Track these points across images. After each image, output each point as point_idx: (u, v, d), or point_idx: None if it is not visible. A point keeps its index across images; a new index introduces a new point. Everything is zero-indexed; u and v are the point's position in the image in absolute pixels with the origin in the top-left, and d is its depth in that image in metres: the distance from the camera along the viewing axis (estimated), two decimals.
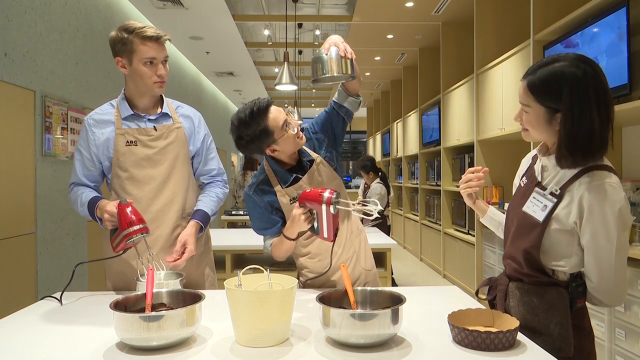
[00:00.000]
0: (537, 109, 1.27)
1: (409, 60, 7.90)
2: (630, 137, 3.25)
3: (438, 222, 6.32)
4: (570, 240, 1.28)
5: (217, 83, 10.39)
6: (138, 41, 1.71)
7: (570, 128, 1.21)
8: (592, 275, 1.28)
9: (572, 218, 1.26)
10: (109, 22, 4.89)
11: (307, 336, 1.30)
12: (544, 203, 1.29)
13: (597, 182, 1.22)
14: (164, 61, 1.78)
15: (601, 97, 1.21)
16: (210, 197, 1.93)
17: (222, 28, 6.53)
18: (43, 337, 1.31)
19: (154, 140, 1.81)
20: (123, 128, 1.80)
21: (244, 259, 3.62)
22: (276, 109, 1.69)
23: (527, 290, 1.33)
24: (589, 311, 1.38)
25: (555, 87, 1.22)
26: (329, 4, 6.44)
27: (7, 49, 3.21)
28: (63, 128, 3.88)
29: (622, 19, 2.64)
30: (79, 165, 1.82)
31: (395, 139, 9.24)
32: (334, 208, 1.50)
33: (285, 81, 5.25)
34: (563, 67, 1.22)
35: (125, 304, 1.31)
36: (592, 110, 1.20)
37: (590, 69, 1.22)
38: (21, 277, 3.32)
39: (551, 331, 1.27)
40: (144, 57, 1.72)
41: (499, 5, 4.66)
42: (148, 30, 1.71)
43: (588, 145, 1.21)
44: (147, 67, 1.74)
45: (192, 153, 1.92)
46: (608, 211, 1.21)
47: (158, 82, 1.77)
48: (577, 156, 1.23)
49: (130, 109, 1.82)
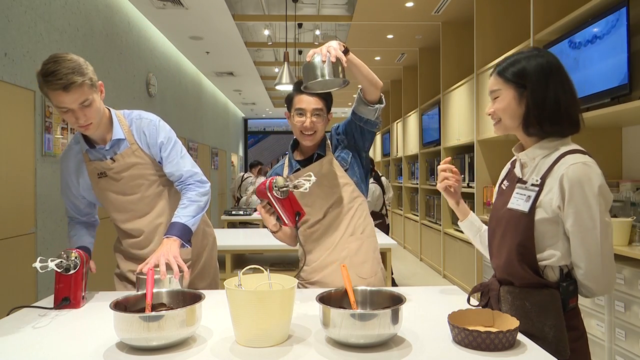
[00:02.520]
0: (506, 90, 1.35)
1: (409, 60, 7.90)
2: (630, 137, 3.25)
3: (438, 222, 6.32)
4: (555, 229, 1.29)
5: (217, 83, 10.39)
6: (48, 90, 1.55)
7: (537, 96, 1.30)
8: (579, 260, 1.28)
9: (555, 202, 1.27)
10: (109, 22, 4.89)
11: (307, 336, 1.30)
12: (527, 194, 1.32)
13: (573, 162, 1.26)
14: (82, 106, 1.59)
15: (563, 77, 1.31)
16: (183, 204, 1.77)
17: (222, 28, 6.53)
18: (43, 337, 1.31)
19: (117, 172, 1.77)
20: (90, 162, 1.78)
21: (244, 259, 3.62)
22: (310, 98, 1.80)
23: (519, 294, 1.33)
24: (589, 312, 1.37)
25: (520, 67, 1.33)
26: (329, 4, 6.44)
27: (7, 49, 3.21)
28: (63, 128, 3.88)
29: (622, 19, 2.64)
30: (67, 202, 1.85)
31: (395, 139, 9.24)
32: (279, 192, 1.54)
33: (285, 81, 5.25)
34: (527, 54, 1.35)
35: (125, 304, 1.31)
36: (556, 84, 1.30)
37: (549, 54, 1.35)
38: (21, 277, 3.32)
39: (546, 334, 1.26)
40: (57, 106, 1.58)
41: (499, 5, 4.66)
42: (53, 79, 1.51)
43: (555, 114, 1.30)
44: (65, 114, 1.60)
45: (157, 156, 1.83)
46: (588, 190, 1.24)
47: (82, 126, 1.63)
48: (545, 124, 1.31)
49: (86, 144, 1.76)
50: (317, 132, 1.82)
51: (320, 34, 7.43)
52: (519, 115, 1.34)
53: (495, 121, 1.40)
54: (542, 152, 1.34)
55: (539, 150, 1.35)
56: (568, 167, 1.26)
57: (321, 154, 1.86)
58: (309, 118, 1.79)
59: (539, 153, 1.35)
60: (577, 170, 1.25)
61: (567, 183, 1.25)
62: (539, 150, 1.35)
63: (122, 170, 1.76)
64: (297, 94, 1.82)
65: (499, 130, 1.42)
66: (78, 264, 1.58)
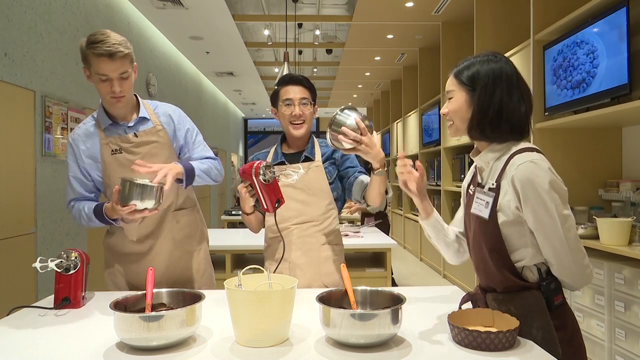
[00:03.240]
0: (459, 92, 1.37)
1: (409, 60, 7.90)
2: (630, 137, 3.26)
3: None
4: (520, 230, 1.29)
5: (217, 83, 10.39)
6: (92, 56, 1.65)
7: (481, 102, 1.32)
8: (549, 257, 1.28)
9: (513, 203, 1.28)
10: (109, 22, 4.89)
11: (307, 336, 1.30)
12: (485, 200, 1.33)
13: (520, 162, 1.26)
14: (120, 77, 1.70)
15: (514, 84, 1.32)
16: (201, 161, 1.90)
17: (222, 28, 6.53)
18: (43, 337, 1.31)
19: (137, 147, 1.81)
20: (106, 137, 1.80)
21: (244, 259, 3.62)
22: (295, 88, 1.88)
23: (502, 300, 1.33)
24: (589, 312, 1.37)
25: (474, 70, 1.35)
26: (329, 4, 6.44)
27: (7, 49, 3.21)
28: (63, 128, 3.88)
29: (622, 19, 2.64)
30: (75, 182, 1.83)
31: (395, 139, 9.24)
32: (265, 177, 1.59)
33: None
34: (483, 58, 1.37)
35: (125, 304, 1.32)
36: (503, 90, 1.31)
37: (504, 60, 1.36)
38: (21, 277, 3.32)
39: (534, 337, 1.26)
40: (97, 72, 1.68)
41: (499, 5, 4.66)
42: (102, 46, 1.63)
43: (496, 120, 1.31)
44: (102, 83, 1.70)
45: (178, 150, 1.93)
46: (539, 188, 1.24)
47: (114, 97, 1.72)
48: (486, 129, 1.32)
49: (108, 119, 1.81)
50: (306, 121, 1.89)
51: (320, 34, 7.43)
52: (467, 119, 1.35)
53: (449, 123, 1.42)
54: (494, 155, 1.35)
55: (490, 153, 1.36)
56: (517, 168, 1.26)
57: (309, 157, 1.90)
58: (297, 106, 1.87)
59: (491, 157, 1.36)
60: (525, 170, 1.25)
61: (519, 184, 1.26)
62: (491, 154, 1.36)
63: (141, 144, 1.82)
64: (282, 86, 1.90)
65: (452, 133, 1.43)
66: (78, 264, 1.58)
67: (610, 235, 2.65)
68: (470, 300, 1.48)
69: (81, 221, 1.81)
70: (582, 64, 2.98)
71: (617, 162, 3.30)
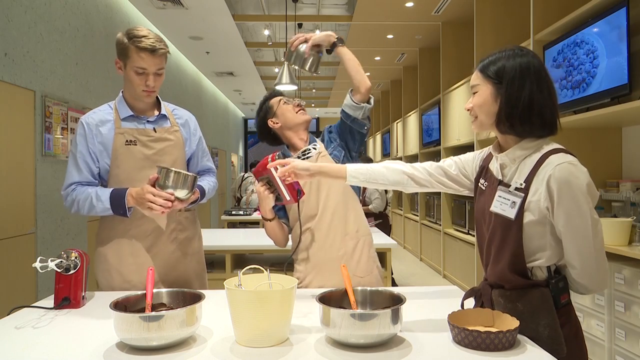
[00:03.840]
0: (484, 86, 1.35)
1: (409, 60, 7.90)
2: (630, 137, 3.26)
3: (438, 222, 6.32)
4: (543, 231, 1.28)
5: (217, 83, 10.39)
6: (134, 50, 1.72)
7: (511, 95, 1.30)
8: (573, 260, 1.27)
9: (543, 203, 1.26)
10: (109, 22, 4.89)
11: (307, 336, 1.30)
12: (511, 200, 1.30)
13: (559, 162, 1.25)
14: (156, 73, 1.78)
15: (542, 78, 1.31)
16: (208, 181, 2.00)
17: (222, 28, 6.53)
18: (43, 337, 1.31)
19: (154, 142, 1.83)
20: (122, 127, 1.81)
21: (244, 259, 3.62)
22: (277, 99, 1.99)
23: (510, 296, 1.33)
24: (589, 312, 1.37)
25: (500, 65, 1.34)
26: (329, 4, 6.44)
27: (7, 49, 3.21)
28: (63, 128, 3.88)
29: (622, 19, 2.64)
30: (82, 164, 1.78)
31: (395, 139, 9.24)
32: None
33: (285, 81, 5.25)
34: (509, 52, 1.37)
35: (125, 304, 1.32)
36: (533, 84, 1.30)
37: (531, 54, 1.35)
38: (21, 277, 3.32)
39: (540, 334, 1.26)
40: (135, 65, 1.74)
41: (498, 5, 4.66)
42: (146, 40, 1.72)
43: (527, 113, 1.29)
44: (138, 76, 1.75)
45: (188, 156, 1.95)
46: (576, 190, 1.23)
47: (146, 91, 1.79)
48: (515, 122, 1.30)
49: (129, 110, 1.83)
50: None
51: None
52: (493, 113, 1.33)
53: (473, 118, 1.40)
54: (523, 153, 1.33)
55: (520, 151, 1.33)
56: (554, 168, 1.24)
57: (314, 146, 1.91)
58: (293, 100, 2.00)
59: (520, 154, 1.33)
60: (563, 170, 1.24)
61: (555, 184, 1.24)
62: (520, 151, 1.33)
63: (158, 140, 1.84)
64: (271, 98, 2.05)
65: (476, 128, 1.41)
66: (78, 264, 1.58)
67: (610, 235, 2.65)
68: (474, 296, 1.47)
69: (81, 207, 1.75)
70: (582, 64, 2.98)
71: (617, 162, 3.30)
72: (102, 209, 1.74)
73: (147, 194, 1.63)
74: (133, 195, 1.69)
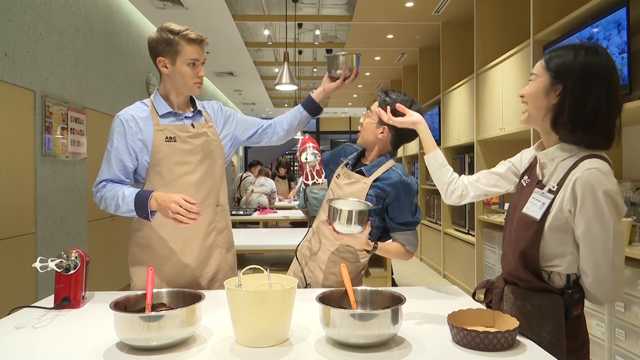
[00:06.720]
0: (541, 77, 1.27)
1: (409, 60, 7.90)
2: (630, 137, 3.25)
3: (438, 222, 6.32)
4: (564, 238, 1.24)
5: (217, 83, 10.39)
6: (184, 42, 1.75)
7: (575, 98, 1.21)
8: (587, 268, 1.22)
9: (567, 206, 1.22)
10: (109, 22, 4.89)
11: (307, 336, 1.30)
12: (542, 201, 1.27)
13: (588, 167, 1.20)
14: (202, 63, 1.83)
15: (612, 84, 1.21)
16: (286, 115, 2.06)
17: (222, 28, 6.53)
18: (43, 337, 1.31)
19: (193, 138, 1.84)
20: (161, 124, 1.81)
21: (244, 259, 3.62)
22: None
23: (521, 294, 1.31)
24: (589, 312, 1.36)
25: (566, 60, 1.23)
26: (329, 4, 6.44)
27: (7, 49, 3.21)
28: (63, 128, 3.88)
29: (622, 19, 2.64)
30: (115, 161, 1.76)
31: None
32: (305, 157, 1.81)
33: (285, 81, 5.25)
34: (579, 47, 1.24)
35: (125, 304, 1.32)
36: (601, 89, 1.20)
37: (605, 55, 1.23)
38: (21, 277, 3.32)
39: (542, 339, 1.24)
40: (188, 58, 1.77)
41: (498, 5, 4.66)
42: (192, 32, 1.77)
43: (591, 122, 1.20)
44: (190, 68, 1.78)
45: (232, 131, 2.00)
46: (601, 197, 1.17)
47: (198, 82, 1.83)
48: (578, 131, 1.21)
49: (168, 107, 1.84)
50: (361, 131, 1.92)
51: (320, 34, 7.43)
52: (542, 107, 1.27)
53: (524, 109, 1.33)
54: (563, 155, 1.26)
55: (560, 151, 1.27)
56: (582, 172, 1.19)
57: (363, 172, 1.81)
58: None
59: (559, 155, 1.27)
60: (591, 175, 1.18)
61: (580, 188, 1.19)
62: (560, 152, 1.27)
63: (197, 136, 1.85)
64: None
65: (524, 120, 1.34)
66: (78, 264, 1.58)
67: None
68: (487, 289, 1.46)
69: (108, 205, 1.73)
70: None
71: (617, 162, 3.30)
72: (126, 209, 1.70)
73: (172, 203, 1.59)
74: (157, 200, 1.64)
